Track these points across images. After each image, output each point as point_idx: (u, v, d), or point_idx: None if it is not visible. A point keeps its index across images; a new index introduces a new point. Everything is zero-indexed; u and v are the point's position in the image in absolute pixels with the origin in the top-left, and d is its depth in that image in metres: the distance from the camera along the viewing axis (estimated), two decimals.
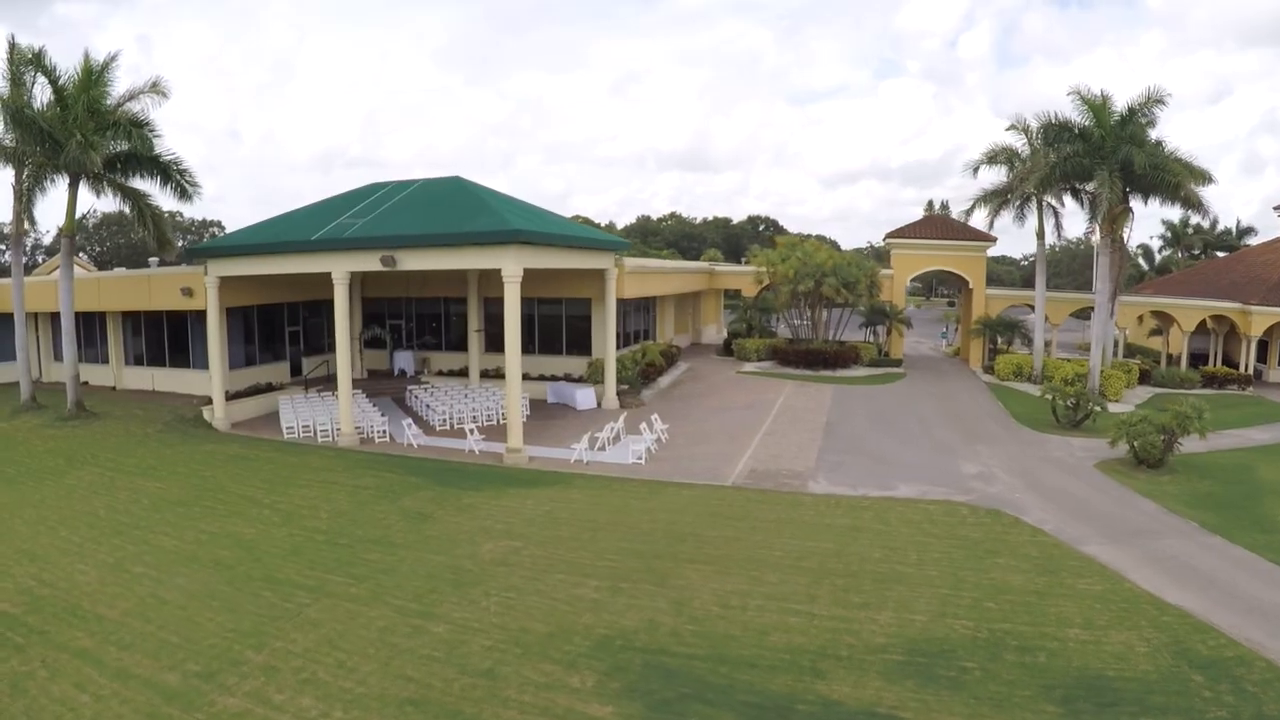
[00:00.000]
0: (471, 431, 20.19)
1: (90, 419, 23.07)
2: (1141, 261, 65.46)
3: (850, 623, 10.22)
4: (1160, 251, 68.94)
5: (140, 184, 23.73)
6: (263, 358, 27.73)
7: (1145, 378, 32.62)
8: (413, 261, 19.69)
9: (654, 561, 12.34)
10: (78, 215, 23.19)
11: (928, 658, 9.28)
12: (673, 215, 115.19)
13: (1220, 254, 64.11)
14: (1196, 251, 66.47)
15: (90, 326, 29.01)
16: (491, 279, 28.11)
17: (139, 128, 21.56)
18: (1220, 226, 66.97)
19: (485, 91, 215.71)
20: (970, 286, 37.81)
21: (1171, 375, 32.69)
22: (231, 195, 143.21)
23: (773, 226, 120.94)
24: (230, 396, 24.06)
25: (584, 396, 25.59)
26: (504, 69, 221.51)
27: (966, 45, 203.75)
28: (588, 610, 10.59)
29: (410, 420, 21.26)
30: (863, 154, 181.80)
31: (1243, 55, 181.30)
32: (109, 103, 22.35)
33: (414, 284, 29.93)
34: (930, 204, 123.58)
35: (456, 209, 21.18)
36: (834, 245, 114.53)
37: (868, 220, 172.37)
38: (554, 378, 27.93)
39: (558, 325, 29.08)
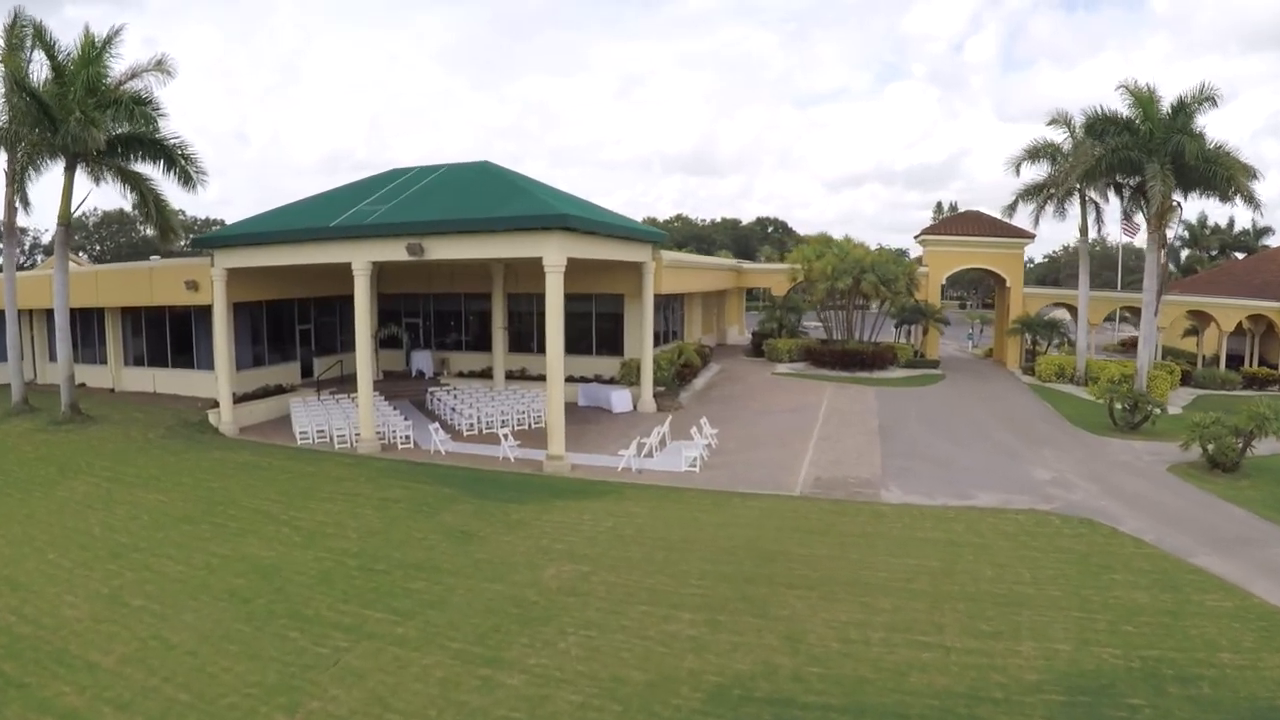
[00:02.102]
0: (505, 437, 18.34)
1: (86, 423, 21.20)
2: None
3: (991, 657, 8.77)
4: (1181, 252, 68.19)
5: (143, 169, 21.92)
6: (272, 358, 25.88)
7: (1185, 379, 31.57)
8: (442, 250, 17.83)
9: (747, 587, 10.52)
10: (76, 205, 21.33)
11: (1090, 695, 8.04)
12: (679, 217, 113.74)
13: (1238, 254, 63.44)
14: (1214, 252, 65.66)
15: (88, 324, 27.19)
16: (518, 273, 26.45)
17: (141, 105, 19.71)
18: (1237, 227, 66.87)
19: (490, 95, 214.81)
20: (1007, 285, 36.22)
21: (1211, 376, 31.72)
22: (237, 198, 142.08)
23: (781, 228, 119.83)
24: (238, 399, 22.24)
25: (619, 399, 23.75)
26: (509, 73, 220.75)
27: (971, 49, 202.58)
28: (688, 651, 8.73)
29: (437, 425, 19.37)
30: (867, 157, 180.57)
31: (1246, 59, 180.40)
32: (110, 80, 20.56)
33: (438, 278, 28.10)
34: (939, 205, 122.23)
35: (489, 194, 19.37)
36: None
37: (871, 223, 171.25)
38: (583, 379, 26.09)
39: (587, 323, 27.22)
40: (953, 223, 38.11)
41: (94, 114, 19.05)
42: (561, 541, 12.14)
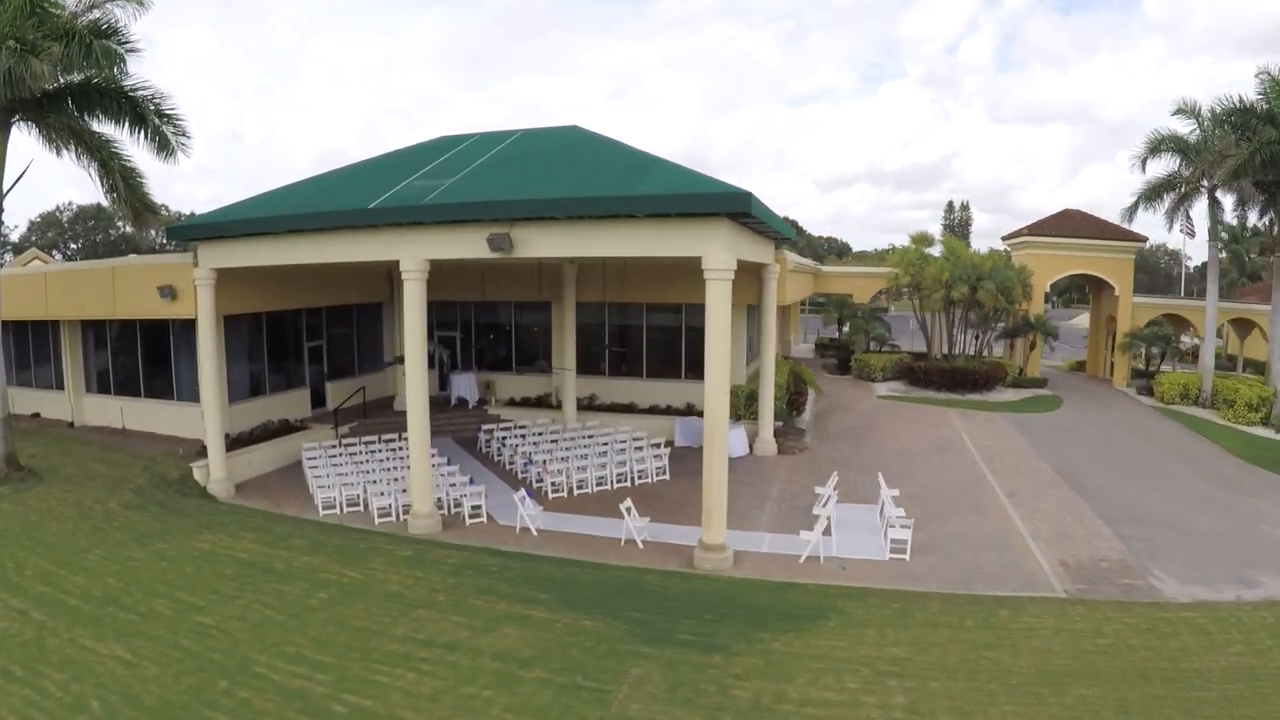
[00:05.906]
0: (629, 511, 12.80)
1: (27, 482, 15.43)
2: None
3: None
4: (1221, 254, 66.15)
5: (107, 131, 16.08)
6: (274, 384, 20.14)
7: None
8: (542, 243, 12.12)
9: None
10: (12, 179, 15.52)
11: None
12: None
13: (1275, 257, 60.49)
14: (1255, 254, 63.11)
15: (41, 339, 21.45)
16: (604, 277, 20.88)
17: (101, 38, 13.89)
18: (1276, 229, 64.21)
19: (483, 96, 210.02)
20: (1115, 293, 31.53)
21: None
22: (229, 198, 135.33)
23: (790, 225, 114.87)
24: (232, 442, 16.56)
25: (736, 439, 18.23)
26: (502, 73, 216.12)
27: (966, 51, 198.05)
28: None
29: (524, 493, 13.67)
30: (860, 158, 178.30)
31: (1240, 63, 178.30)
32: (63, 11, 14.77)
33: (494, 282, 22.40)
34: (951, 205, 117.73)
35: (600, 167, 13.86)
36: (845, 246, 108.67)
37: (860, 223, 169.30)
38: (670, 410, 20.65)
39: (674, 340, 21.71)
40: (1055, 222, 33.15)
41: (40, 42, 13.23)
42: None
